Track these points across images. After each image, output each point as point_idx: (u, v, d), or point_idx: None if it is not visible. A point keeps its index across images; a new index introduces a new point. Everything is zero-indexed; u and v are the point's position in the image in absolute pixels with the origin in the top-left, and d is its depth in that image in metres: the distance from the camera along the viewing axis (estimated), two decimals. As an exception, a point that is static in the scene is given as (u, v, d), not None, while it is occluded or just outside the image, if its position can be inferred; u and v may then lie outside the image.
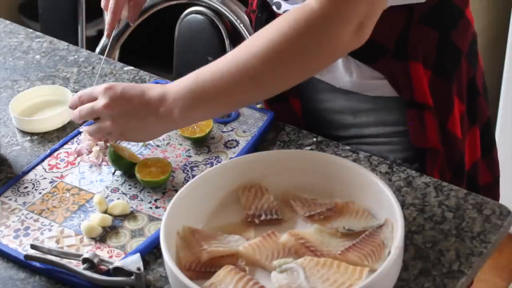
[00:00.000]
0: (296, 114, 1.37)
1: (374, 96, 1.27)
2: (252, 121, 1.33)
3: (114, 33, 1.39)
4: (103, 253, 1.10)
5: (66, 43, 1.61)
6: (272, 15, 1.32)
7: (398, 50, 1.22)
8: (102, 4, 1.41)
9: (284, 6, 1.28)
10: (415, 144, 1.25)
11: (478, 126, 1.33)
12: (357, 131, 1.32)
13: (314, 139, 1.29)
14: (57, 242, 1.12)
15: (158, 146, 1.29)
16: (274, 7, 1.31)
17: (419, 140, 1.25)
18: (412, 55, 1.22)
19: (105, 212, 1.16)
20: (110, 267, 1.05)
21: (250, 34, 1.58)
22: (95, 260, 1.06)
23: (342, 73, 1.27)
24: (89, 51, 1.59)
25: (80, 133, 1.33)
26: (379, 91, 1.26)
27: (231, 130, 1.31)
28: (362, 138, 1.31)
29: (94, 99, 1.17)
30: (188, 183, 1.12)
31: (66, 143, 1.31)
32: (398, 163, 1.24)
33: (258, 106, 1.37)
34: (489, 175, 1.38)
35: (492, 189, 1.38)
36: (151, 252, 1.11)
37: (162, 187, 1.20)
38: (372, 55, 1.23)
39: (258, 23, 1.36)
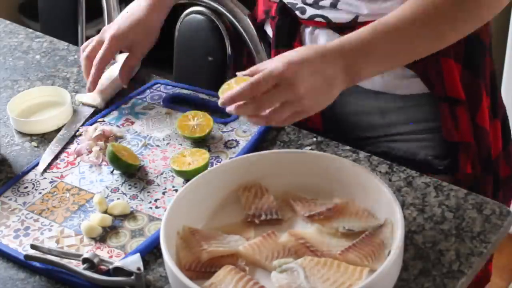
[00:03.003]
0: (313, 120, 1.34)
1: (403, 95, 1.27)
2: (252, 121, 1.33)
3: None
4: (103, 253, 1.10)
5: (66, 43, 1.61)
6: (295, 21, 1.31)
7: None
8: (83, 55, 1.36)
9: (310, 11, 1.28)
10: (448, 139, 1.25)
11: (499, 119, 1.33)
12: (385, 130, 1.32)
13: (314, 139, 1.29)
14: (57, 242, 1.12)
15: (158, 146, 1.29)
16: (297, 12, 1.30)
17: (452, 135, 1.25)
18: (443, 50, 1.21)
19: (105, 212, 1.16)
20: (110, 267, 1.05)
21: (250, 36, 1.57)
22: (95, 260, 1.06)
23: None
24: (89, 51, 1.59)
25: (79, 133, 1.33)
26: (410, 89, 1.27)
27: (231, 130, 1.31)
28: (390, 136, 1.32)
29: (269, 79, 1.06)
30: (188, 183, 1.12)
31: (66, 143, 1.31)
32: (429, 160, 1.23)
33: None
34: (507, 167, 1.38)
35: (510, 182, 1.39)
36: (151, 252, 1.11)
37: (162, 187, 1.20)
38: None
39: (279, 30, 1.34)
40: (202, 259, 1.03)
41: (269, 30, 1.42)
